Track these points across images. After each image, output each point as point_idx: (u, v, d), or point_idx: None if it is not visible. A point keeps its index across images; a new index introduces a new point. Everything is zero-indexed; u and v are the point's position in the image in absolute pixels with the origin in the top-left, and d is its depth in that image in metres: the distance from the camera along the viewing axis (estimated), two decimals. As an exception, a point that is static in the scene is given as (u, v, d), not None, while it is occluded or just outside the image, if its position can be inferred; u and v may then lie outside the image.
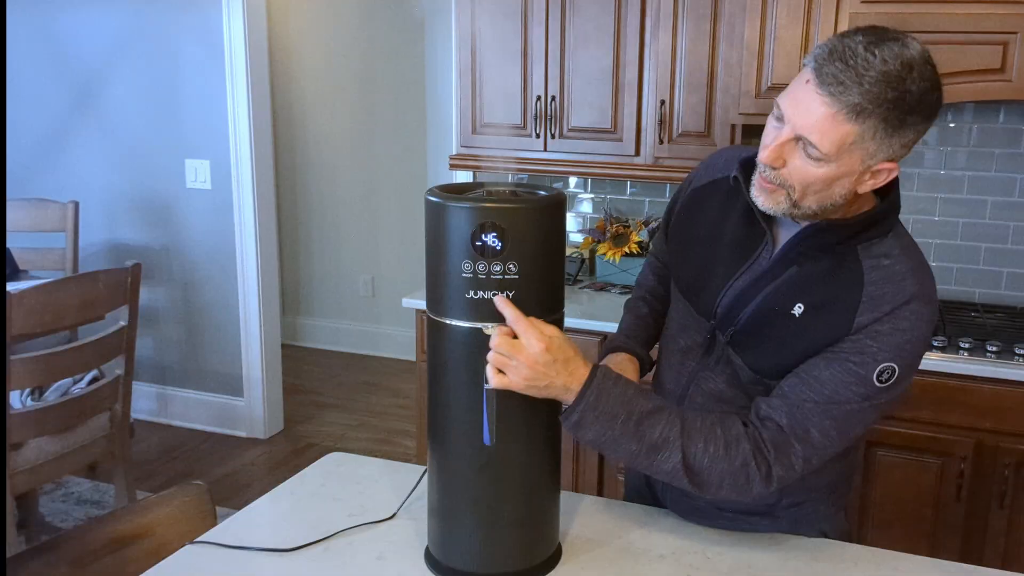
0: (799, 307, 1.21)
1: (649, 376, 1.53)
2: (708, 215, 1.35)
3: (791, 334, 1.21)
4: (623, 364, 1.50)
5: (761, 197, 1.18)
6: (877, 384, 1.16)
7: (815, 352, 1.19)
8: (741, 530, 1.38)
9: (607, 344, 1.56)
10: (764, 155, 1.14)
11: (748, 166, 1.24)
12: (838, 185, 1.13)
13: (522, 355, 1.13)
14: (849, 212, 1.20)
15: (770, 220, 1.25)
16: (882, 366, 1.16)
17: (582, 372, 1.16)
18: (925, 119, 1.10)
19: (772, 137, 1.14)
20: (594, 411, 1.16)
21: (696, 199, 1.39)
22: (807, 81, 1.09)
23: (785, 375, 1.22)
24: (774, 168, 1.14)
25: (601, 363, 1.21)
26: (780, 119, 1.13)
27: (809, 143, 1.09)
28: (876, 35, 1.08)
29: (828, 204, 1.16)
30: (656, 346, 1.55)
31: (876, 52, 1.06)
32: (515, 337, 1.14)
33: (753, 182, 1.20)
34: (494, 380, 1.15)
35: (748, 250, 1.28)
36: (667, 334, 1.46)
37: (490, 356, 1.14)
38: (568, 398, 1.16)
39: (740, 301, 1.26)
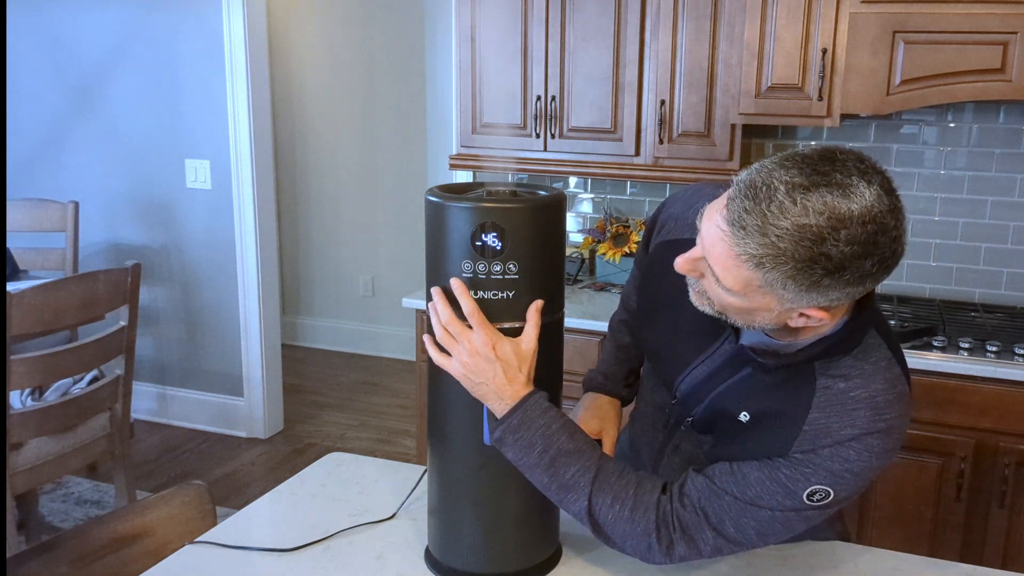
0: (745, 415, 1.14)
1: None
2: (674, 279, 1.20)
3: (736, 437, 1.16)
4: (604, 408, 1.48)
5: (692, 294, 1.11)
6: (806, 501, 1.09)
7: (753, 459, 1.12)
8: None
9: (587, 380, 1.54)
10: (677, 263, 1.05)
11: None
12: (758, 316, 1.03)
13: (467, 341, 1.11)
14: (811, 328, 1.08)
15: None
16: (814, 487, 1.08)
17: (519, 389, 1.13)
18: (851, 284, 0.95)
19: (696, 242, 1.05)
20: (514, 435, 1.13)
21: (663, 255, 1.29)
22: (725, 205, 0.97)
23: None
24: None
25: (536, 394, 1.15)
26: None
27: (713, 273, 1.00)
28: (815, 175, 0.91)
29: (756, 326, 1.06)
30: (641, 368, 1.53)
31: (799, 199, 0.90)
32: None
33: None
34: (436, 357, 1.14)
35: (710, 336, 1.20)
36: (647, 380, 1.42)
37: (437, 332, 1.14)
38: (499, 410, 1.14)
39: (697, 393, 1.22)
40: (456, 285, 1.12)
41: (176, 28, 3.61)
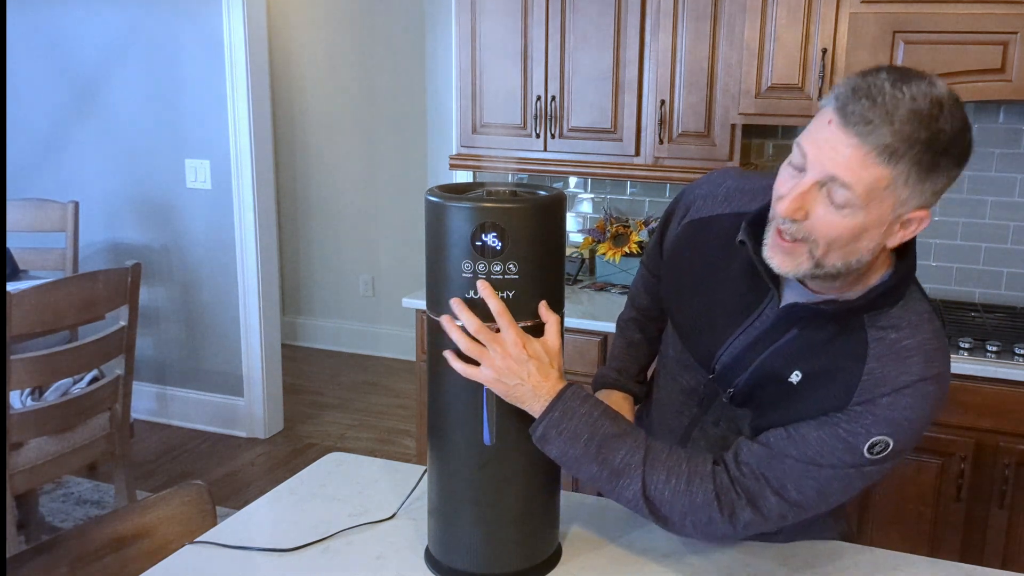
0: (796, 375, 1.14)
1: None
2: (707, 254, 1.27)
3: (787, 400, 1.15)
4: (617, 404, 1.47)
5: (777, 258, 1.08)
6: (867, 455, 1.10)
7: (809, 419, 1.13)
8: None
9: (598, 378, 1.53)
10: (783, 206, 1.03)
11: (754, 224, 1.15)
12: (866, 238, 1.03)
13: (499, 345, 1.11)
14: (862, 279, 1.13)
15: (776, 279, 1.17)
16: (875, 439, 1.09)
17: (555, 383, 1.14)
18: (957, 164, 1.01)
19: (789, 187, 1.04)
20: (557, 428, 1.13)
21: (694, 233, 1.31)
22: (829, 122, 1.00)
23: None
24: (795, 221, 1.04)
25: (572, 386, 1.16)
26: (800, 167, 1.03)
27: (839, 184, 0.99)
28: (901, 73, 1.00)
29: (853, 261, 1.06)
30: (652, 365, 1.53)
31: (904, 89, 0.97)
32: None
33: (766, 241, 1.10)
34: (465, 369, 1.13)
35: (751, 305, 1.20)
36: (667, 366, 1.40)
37: (463, 344, 1.13)
38: (536, 409, 1.14)
39: (739, 363, 1.21)
40: (483, 287, 1.11)
41: (176, 28, 3.61)
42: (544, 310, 1.15)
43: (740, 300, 1.22)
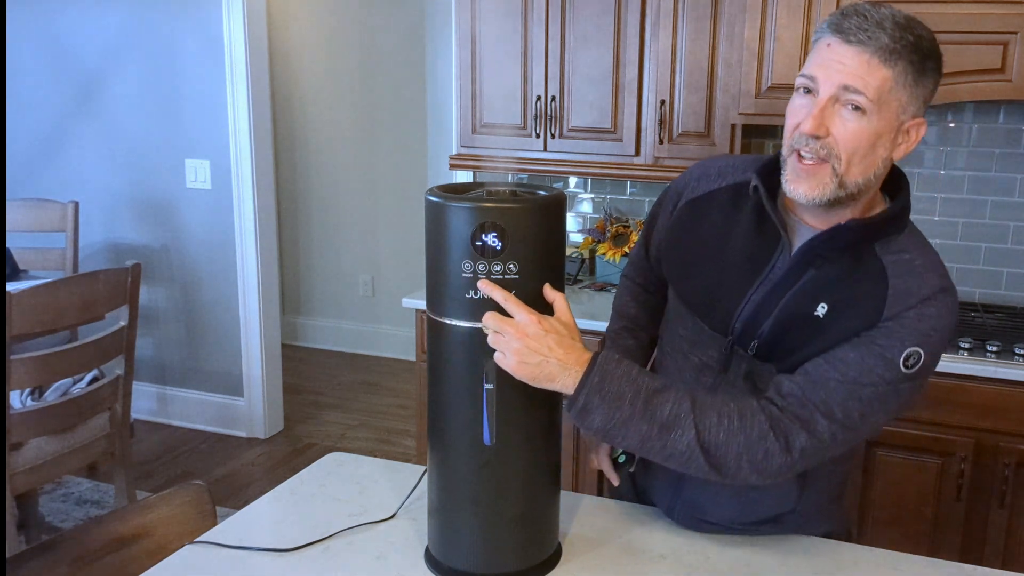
0: (822, 307, 1.19)
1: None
2: (710, 228, 1.31)
3: (816, 335, 1.19)
4: None
5: (803, 186, 1.16)
6: (903, 369, 1.15)
7: (844, 342, 1.17)
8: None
9: None
10: (806, 125, 1.12)
11: (765, 173, 1.23)
12: (880, 146, 1.14)
13: (511, 326, 1.11)
14: (866, 214, 1.21)
15: (785, 226, 1.23)
16: (909, 350, 1.15)
17: (581, 353, 1.14)
18: (937, 69, 1.15)
19: (806, 111, 1.13)
20: (599, 393, 1.13)
21: (693, 212, 1.34)
22: (828, 45, 1.12)
23: None
24: (817, 138, 1.12)
25: (603, 351, 1.18)
26: (809, 90, 1.14)
27: (852, 92, 1.10)
28: (871, 2, 1.15)
29: (872, 175, 1.15)
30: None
31: (882, 9, 1.12)
32: None
33: (786, 176, 1.17)
34: (497, 359, 1.13)
35: (762, 260, 1.25)
36: (675, 349, 1.40)
37: (488, 337, 1.13)
38: (568, 383, 1.13)
39: (760, 314, 1.23)
40: (485, 284, 1.12)
41: (176, 28, 3.61)
42: (549, 290, 1.15)
43: (751, 258, 1.26)
